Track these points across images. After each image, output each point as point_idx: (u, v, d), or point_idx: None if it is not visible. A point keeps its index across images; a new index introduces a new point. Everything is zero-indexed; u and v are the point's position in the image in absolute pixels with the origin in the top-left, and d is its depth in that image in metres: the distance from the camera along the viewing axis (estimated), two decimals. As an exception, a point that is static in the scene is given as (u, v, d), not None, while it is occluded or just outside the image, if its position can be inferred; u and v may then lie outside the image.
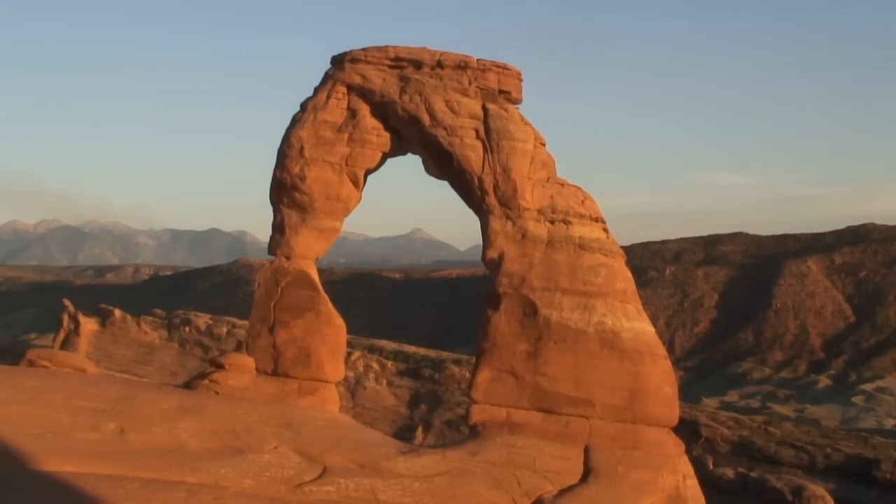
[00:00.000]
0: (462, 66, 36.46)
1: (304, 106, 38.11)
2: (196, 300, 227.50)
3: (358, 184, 38.05)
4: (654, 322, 45.08)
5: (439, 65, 36.56)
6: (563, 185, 36.29)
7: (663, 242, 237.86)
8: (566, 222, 34.93)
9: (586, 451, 32.59)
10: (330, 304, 38.43)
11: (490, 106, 35.91)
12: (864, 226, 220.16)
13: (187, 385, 38.33)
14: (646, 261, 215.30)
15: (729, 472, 66.35)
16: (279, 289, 37.84)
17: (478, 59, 36.75)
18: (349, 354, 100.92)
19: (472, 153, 35.10)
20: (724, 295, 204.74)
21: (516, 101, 37.36)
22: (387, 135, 37.52)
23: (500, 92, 36.63)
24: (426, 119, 35.62)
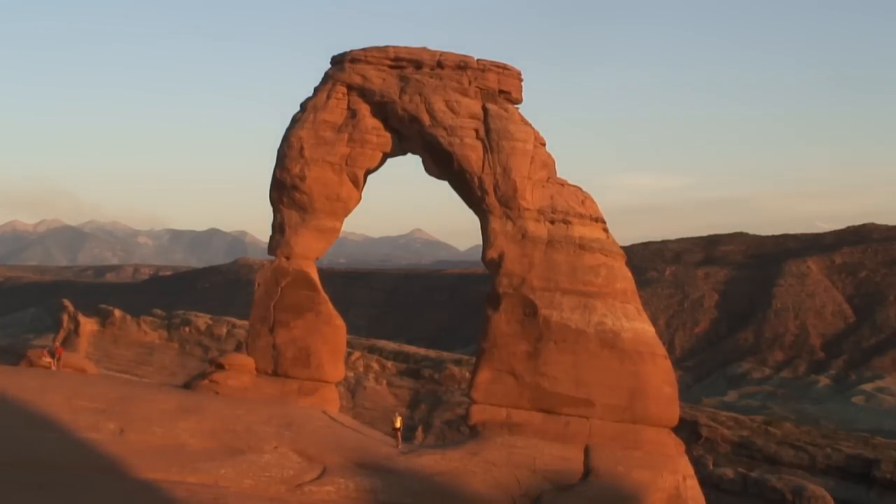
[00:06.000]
0: (462, 66, 36.42)
1: (304, 106, 38.07)
2: (196, 300, 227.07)
3: (358, 184, 38.02)
4: (654, 322, 45.03)
5: (439, 65, 36.52)
6: (563, 185, 36.26)
7: (663, 242, 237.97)
8: (566, 222, 34.90)
9: (586, 451, 32.55)
10: (330, 304, 38.40)
11: (490, 106, 35.87)
12: (864, 226, 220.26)
13: (187, 385, 38.34)
14: (646, 261, 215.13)
15: (729, 472, 66.28)
16: (279, 289, 37.82)
17: (478, 60, 36.71)
18: (349, 354, 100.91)
19: (472, 153, 35.07)
20: (724, 295, 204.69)
21: (516, 101, 37.32)
22: (387, 135, 37.48)
23: (500, 92, 36.59)
24: (426, 119, 35.58)
